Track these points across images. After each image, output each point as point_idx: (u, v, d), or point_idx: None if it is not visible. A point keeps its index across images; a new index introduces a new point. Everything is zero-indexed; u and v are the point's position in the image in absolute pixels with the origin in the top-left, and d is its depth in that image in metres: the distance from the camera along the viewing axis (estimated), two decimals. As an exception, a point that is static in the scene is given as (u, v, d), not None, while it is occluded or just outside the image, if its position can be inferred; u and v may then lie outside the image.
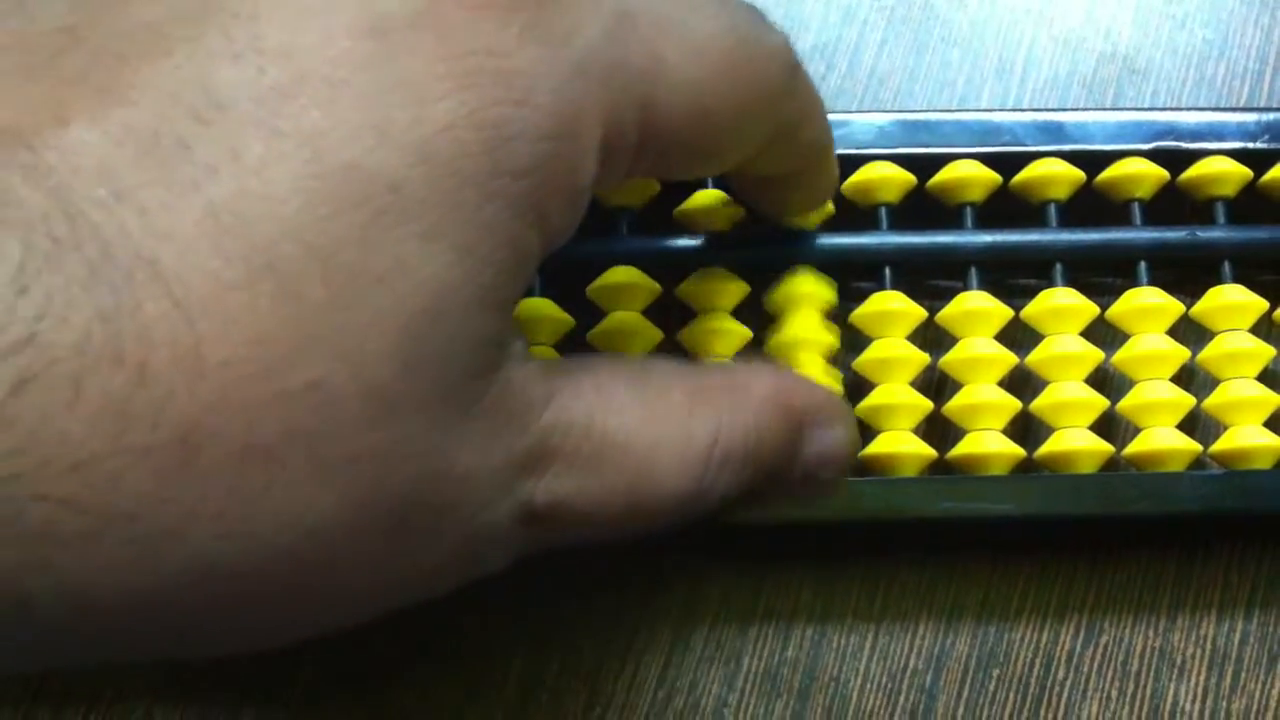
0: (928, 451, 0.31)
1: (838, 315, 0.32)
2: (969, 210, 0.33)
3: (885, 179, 0.33)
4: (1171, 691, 0.31)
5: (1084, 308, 0.32)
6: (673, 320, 0.32)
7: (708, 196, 0.32)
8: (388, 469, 0.19)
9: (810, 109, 0.26)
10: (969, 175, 0.33)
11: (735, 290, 0.32)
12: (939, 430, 0.33)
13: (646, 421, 0.23)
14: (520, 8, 0.20)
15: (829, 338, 0.31)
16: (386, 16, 0.19)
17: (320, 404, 0.18)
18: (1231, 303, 0.32)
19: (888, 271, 0.32)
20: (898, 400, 0.31)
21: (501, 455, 0.21)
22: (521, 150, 0.20)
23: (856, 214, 0.33)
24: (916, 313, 0.32)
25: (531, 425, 0.22)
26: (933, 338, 0.33)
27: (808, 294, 0.31)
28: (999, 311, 0.32)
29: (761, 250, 0.32)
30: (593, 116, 0.21)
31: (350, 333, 0.18)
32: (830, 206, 0.32)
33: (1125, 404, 0.32)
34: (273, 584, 0.19)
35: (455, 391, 0.20)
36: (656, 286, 0.32)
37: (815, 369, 0.31)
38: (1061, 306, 0.32)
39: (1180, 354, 0.32)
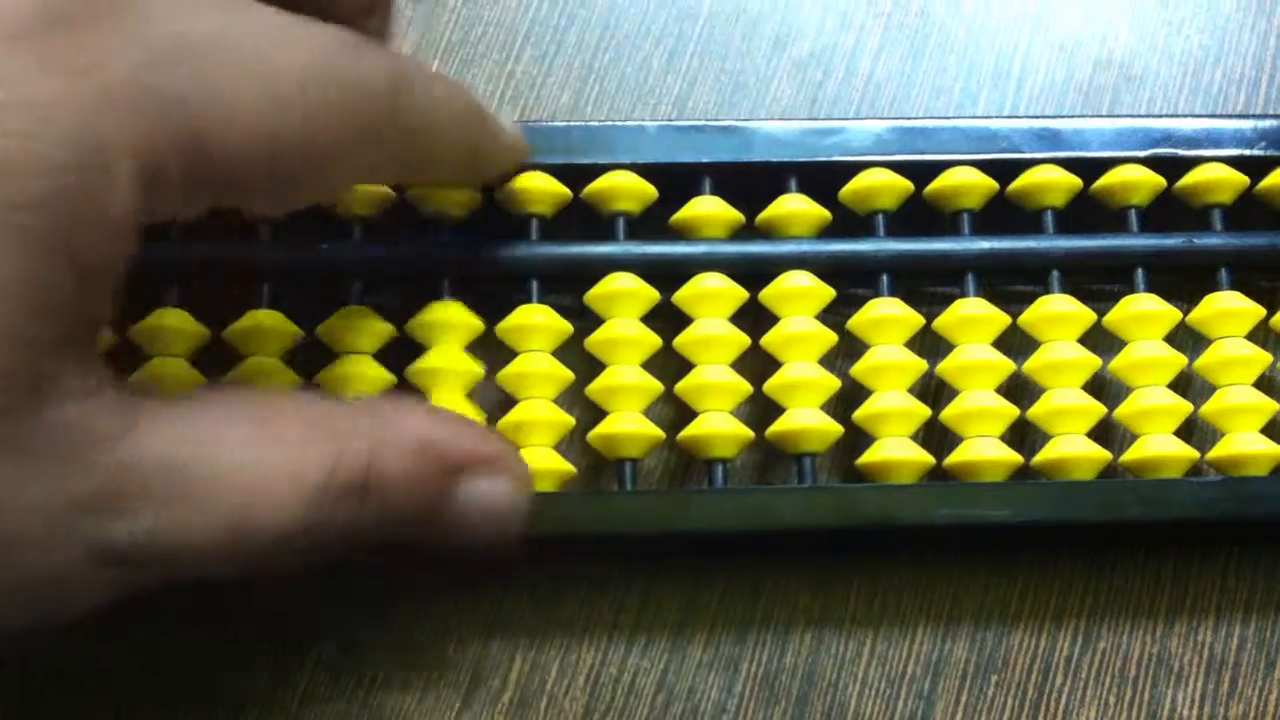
0: (925, 458, 0.31)
1: (836, 321, 0.32)
2: (966, 217, 0.33)
3: (882, 186, 0.33)
4: (1169, 697, 0.31)
5: (1081, 315, 0.32)
6: (671, 326, 0.32)
7: (705, 204, 0.32)
8: None
9: (430, 123, 0.25)
10: (966, 182, 0.33)
11: (732, 296, 0.32)
12: (936, 437, 0.33)
13: (251, 453, 0.23)
14: (41, 36, 0.19)
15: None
16: None
17: None
18: (1228, 309, 0.32)
19: (885, 278, 0.32)
20: (895, 407, 0.31)
21: (60, 496, 0.20)
22: (29, 185, 0.19)
23: (854, 220, 0.33)
24: (914, 319, 0.32)
25: (97, 464, 0.21)
26: (930, 344, 0.33)
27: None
28: (996, 318, 0.32)
29: (759, 256, 0.32)
30: (120, 148, 0.20)
31: None
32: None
33: (1122, 410, 0.32)
34: None
35: None
36: (655, 293, 0.32)
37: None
38: (1058, 313, 0.32)
39: (1177, 360, 0.32)
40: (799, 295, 0.32)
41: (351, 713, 0.31)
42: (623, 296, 0.32)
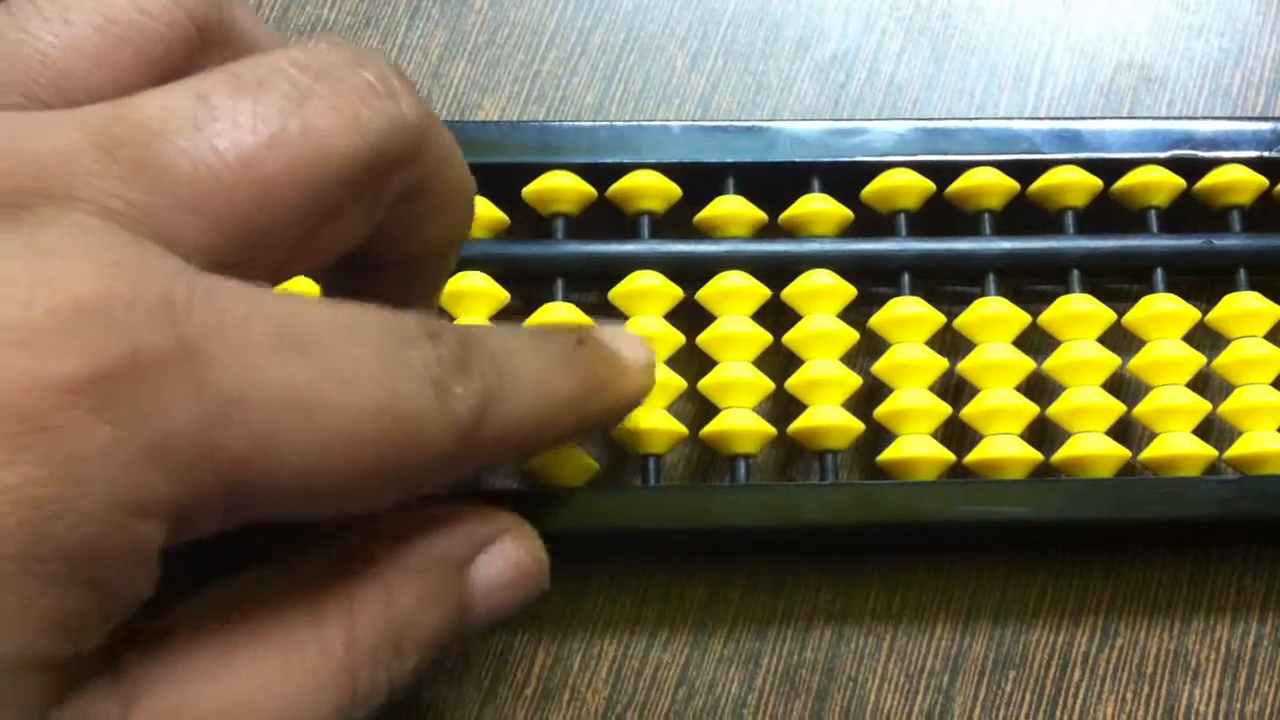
0: (946, 455, 0.31)
1: (858, 320, 0.33)
2: (987, 217, 0.33)
3: (904, 186, 0.33)
4: (1186, 694, 0.32)
5: (1101, 314, 0.32)
6: (694, 324, 0.32)
7: (729, 203, 0.33)
8: None
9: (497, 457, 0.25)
10: (987, 182, 0.33)
11: (755, 294, 0.32)
12: (957, 434, 0.33)
13: (262, 658, 0.22)
14: (91, 388, 0.18)
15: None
16: None
17: None
18: (1247, 309, 0.32)
19: (906, 277, 0.33)
20: (916, 405, 0.32)
21: None
22: (64, 532, 0.18)
23: (876, 220, 0.34)
24: (935, 318, 0.32)
25: None
26: (951, 343, 0.33)
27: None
28: (1016, 317, 0.32)
29: (781, 255, 0.33)
30: (160, 504, 0.19)
31: None
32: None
33: (1141, 409, 0.32)
34: None
35: None
36: (679, 291, 0.32)
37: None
38: (1078, 313, 0.32)
39: (1196, 360, 0.32)
40: (821, 293, 0.32)
41: (376, 704, 0.31)
42: (647, 294, 0.32)
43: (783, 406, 0.33)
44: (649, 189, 0.33)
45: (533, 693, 0.31)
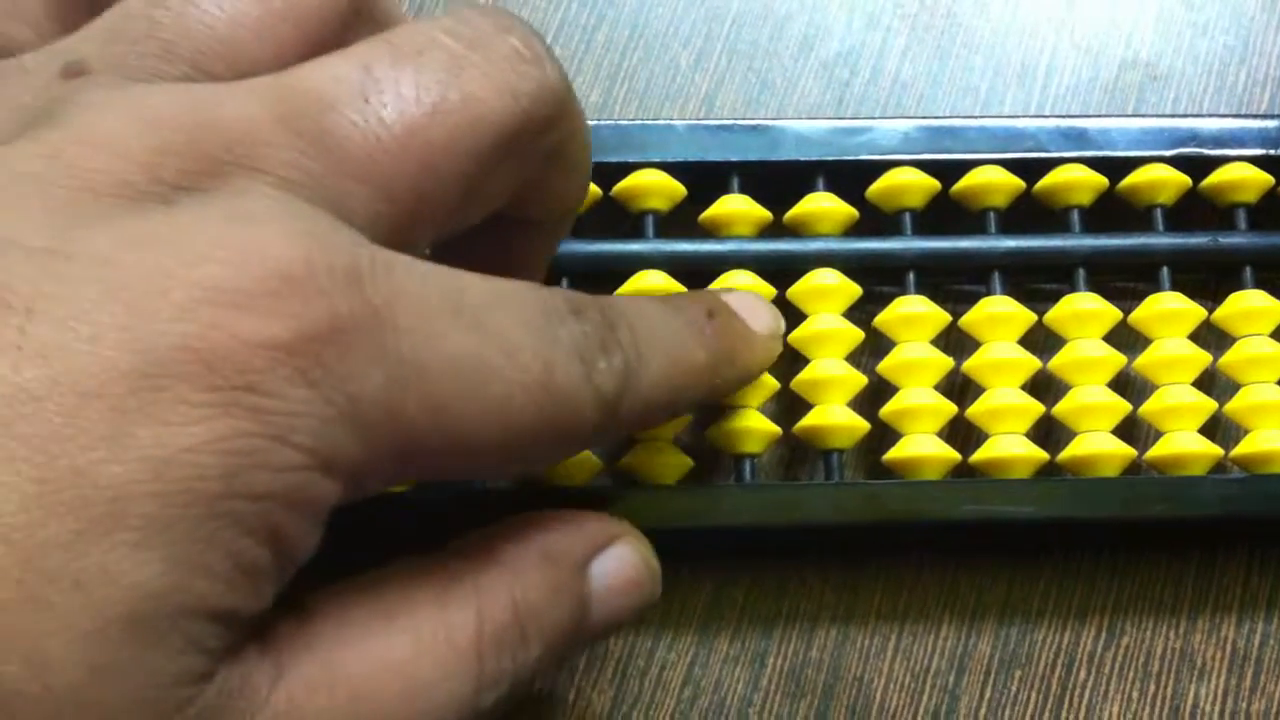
0: (951, 454, 0.31)
1: (863, 319, 0.33)
2: (992, 215, 0.33)
3: (909, 184, 0.33)
4: (1192, 693, 0.32)
5: (1106, 312, 0.32)
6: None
7: (733, 202, 0.33)
8: None
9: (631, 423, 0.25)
10: (992, 181, 0.33)
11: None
12: (962, 433, 0.33)
13: (393, 640, 0.22)
14: (297, 350, 0.20)
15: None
16: (156, 335, 0.19)
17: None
18: (1253, 308, 0.32)
19: (911, 276, 0.33)
20: (921, 404, 0.32)
21: None
22: (261, 479, 0.19)
23: (881, 219, 0.34)
24: (940, 317, 0.32)
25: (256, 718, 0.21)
26: (956, 342, 0.33)
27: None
28: (1022, 316, 0.32)
29: (786, 254, 0.33)
30: (349, 459, 0.20)
31: (32, 636, 0.18)
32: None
33: (1147, 408, 0.32)
34: None
35: (153, 702, 0.19)
36: (682, 290, 0.32)
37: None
38: (1084, 311, 0.32)
39: (1202, 358, 0.32)
40: (826, 293, 0.32)
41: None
42: (651, 293, 0.32)
43: (788, 405, 0.33)
44: (653, 188, 0.33)
45: (538, 693, 0.31)
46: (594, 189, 0.33)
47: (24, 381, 0.18)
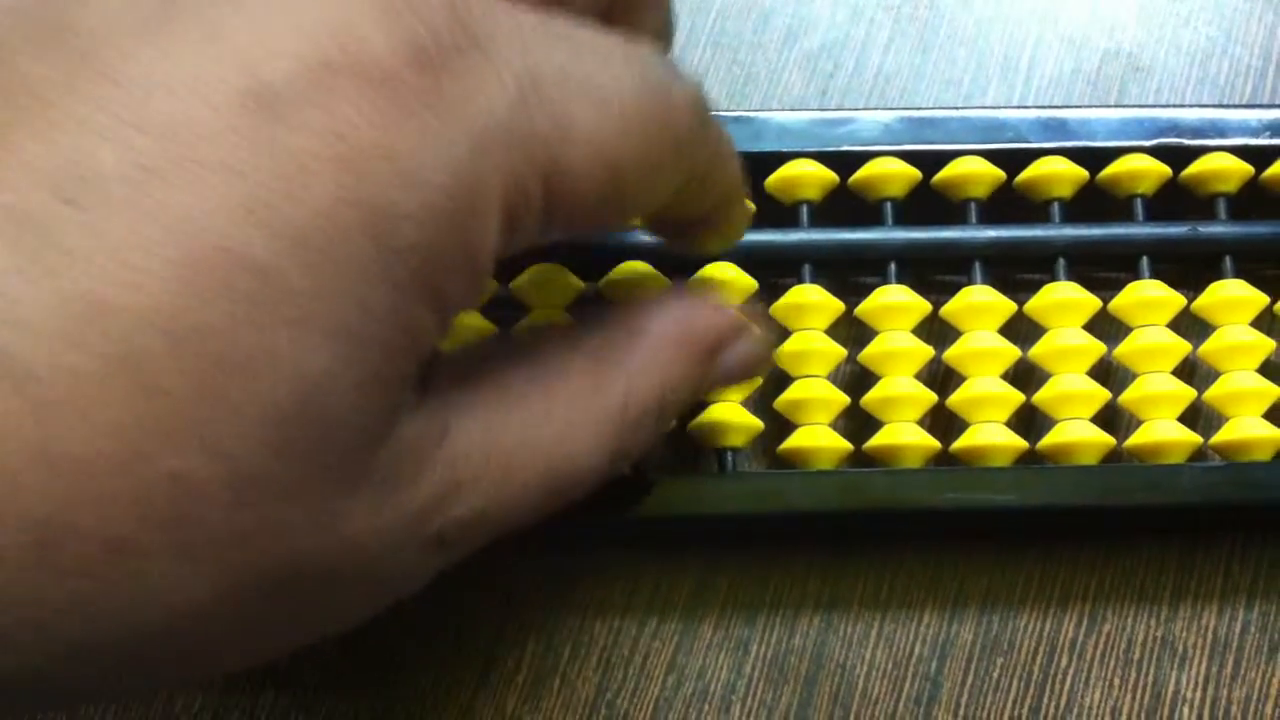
0: (932, 443, 0.32)
1: (844, 310, 0.33)
2: (973, 206, 0.34)
3: (890, 174, 0.33)
4: (1173, 680, 0.32)
5: (1087, 302, 0.32)
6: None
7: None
8: (260, 549, 0.19)
9: (722, 155, 0.26)
10: (974, 171, 0.33)
11: (742, 286, 0.32)
12: (943, 422, 0.33)
13: (551, 410, 0.23)
14: (415, 82, 0.19)
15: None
16: (270, 89, 0.18)
17: (182, 494, 0.18)
18: (1233, 297, 0.33)
19: (893, 266, 0.33)
20: (902, 393, 0.32)
21: (396, 513, 0.21)
22: (409, 232, 0.19)
23: (863, 209, 0.34)
24: (921, 306, 0.32)
25: (426, 474, 0.21)
26: (937, 331, 0.33)
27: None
28: (1002, 305, 0.32)
29: (768, 246, 0.33)
30: (492, 191, 0.20)
31: (211, 424, 0.18)
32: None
33: (1127, 396, 0.32)
34: (155, 655, 0.19)
35: (335, 470, 0.19)
36: (666, 282, 0.32)
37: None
38: (1064, 300, 0.32)
39: (1182, 347, 0.32)
40: (810, 308, 0.32)
41: (368, 692, 0.31)
42: (637, 285, 0.32)
43: (771, 397, 0.33)
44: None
45: (524, 680, 0.31)
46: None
47: (143, 160, 0.18)
